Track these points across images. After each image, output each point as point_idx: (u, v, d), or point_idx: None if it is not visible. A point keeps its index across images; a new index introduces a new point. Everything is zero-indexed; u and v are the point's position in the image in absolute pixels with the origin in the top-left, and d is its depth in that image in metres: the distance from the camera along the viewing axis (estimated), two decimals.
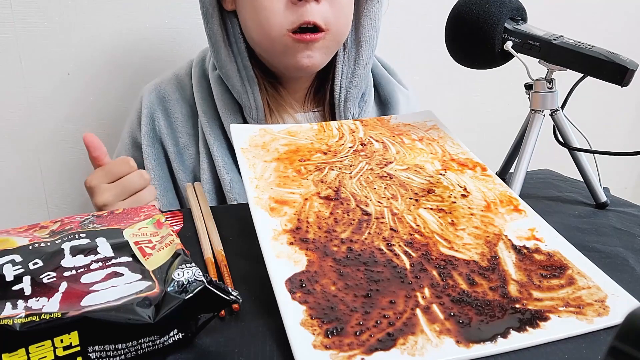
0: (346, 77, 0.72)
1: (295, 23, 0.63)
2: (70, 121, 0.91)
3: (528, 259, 0.40)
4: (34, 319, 0.28)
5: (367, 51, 0.72)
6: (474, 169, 0.51)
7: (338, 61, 0.72)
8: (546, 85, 0.52)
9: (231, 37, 0.70)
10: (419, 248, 0.41)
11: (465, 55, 0.55)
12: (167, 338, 0.31)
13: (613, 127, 1.28)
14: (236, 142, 0.52)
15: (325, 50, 0.67)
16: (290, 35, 0.64)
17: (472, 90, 1.11)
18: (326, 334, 0.32)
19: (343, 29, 0.68)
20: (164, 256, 0.36)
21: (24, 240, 0.38)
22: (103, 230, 0.40)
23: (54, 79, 0.89)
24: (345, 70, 0.72)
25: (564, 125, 0.54)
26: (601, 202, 0.55)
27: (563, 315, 0.35)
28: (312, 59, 0.66)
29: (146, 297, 0.31)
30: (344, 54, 0.72)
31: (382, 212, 0.44)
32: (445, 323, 0.34)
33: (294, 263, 0.38)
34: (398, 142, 0.55)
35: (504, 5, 0.51)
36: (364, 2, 0.70)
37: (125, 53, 0.92)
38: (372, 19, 0.71)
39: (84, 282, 0.33)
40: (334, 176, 0.48)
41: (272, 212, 0.43)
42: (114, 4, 0.89)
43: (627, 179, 1.36)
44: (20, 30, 0.86)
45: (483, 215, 0.45)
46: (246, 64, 0.69)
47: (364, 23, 0.71)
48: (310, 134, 0.55)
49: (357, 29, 0.72)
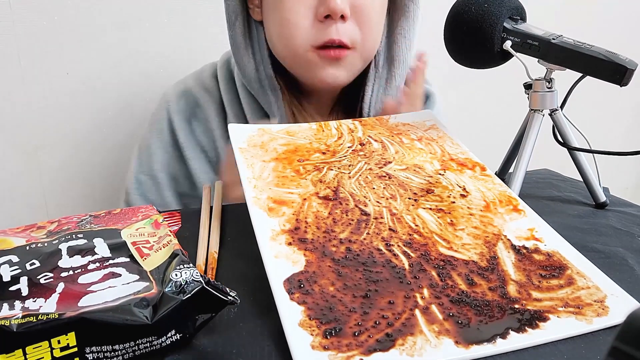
0: (376, 97, 0.71)
1: (320, 40, 0.62)
2: (69, 121, 0.91)
3: (527, 259, 0.40)
4: (31, 320, 0.28)
5: (400, 71, 0.70)
6: (473, 169, 0.51)
7: (369, 79, 0.70)
8: (545, 85, 0.52)
9: (255, 46, 0.68)
10: (418, 248, 0.40)
11: (464, 55, 0.55)
12: (165, 339, 0.31)
13: (612, 126, 1.28)
14: (234, 141, 0.51)
15: (350, 67, 0.66)
16: (314, 51, 0.63)
17: (471, 90, 1.11)
18: (325, 334, 0.32)
19: (371, 48, 0.67)
20: (162, 257, 0.36)
21: (21, 241, 0.38)
22: (100, 230, 0.40)
23: (53, 79, 0.89)
24: (375, 89, 0.70)
25: (564, 125, 0.54)
26: (600, 202, 0.55)
27: (562, 315, 0.35)
28: (336, 76, 0.65)
29: (144, 297, 0.31)
30: (374, 72, 0.70)
31: (381, 212, 0.44)
32: (444, 323, 0.34)
33: (292, 263, 0.38)
34: (397, 142, 0.55)
35: (503, 4, 0.51)
36: (399, 20, 0.69)
37: (125, 53, 0.92)
38: (406, 38, 0.69)
39: (81, 282, 0.33)
40: (332, 176, 0.48)
41: (271, 212, 0.43)
42: (114, 3, 0.89)
43: (627, 179, 1.36)
44: (20, 30, 0.85)
45: (482, 215, 0.45)
46: (269, 73, 0.68)
47: (398, 42, 0.69)
48: (309, 133, 0.55)
49: (390, 47, 0.70)
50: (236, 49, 0.68)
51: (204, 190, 0.58)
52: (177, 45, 0.94)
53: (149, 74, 0.93)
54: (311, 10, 0.62)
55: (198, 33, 0.93)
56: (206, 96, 0.73)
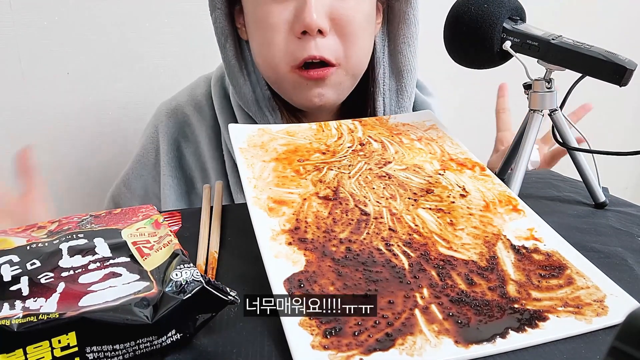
0: (389, 111, 0.68)
1: (299, 58, 0.59)
2: (70, 121, 0.92)
3: (527, 259, 0.40)
4: (32, 320, 0.28)
5: (410, 81, 0.68)
6: (472, 169, 0.51)
7: (378, 94, 0.68)
8: (545, 85, 0.52)
9: (249, 67, 0.66)
10: (418, 248, 0.40)
11: (463, 55, 0.55)
12: (165, 338, 0.31)
13: (612, 127, 1.28)
14: (234, 142, 0.52)
15: (337, 86, 0.63)
16: (295, 71, 0.60)
17: (471, 90, 1.11)
18: (325, 334, 0.32)
19: (357, 63, 0.63)
20: (162, 256, 0.36)
21: (21, 241, 0.38)
22: (101, 230, 0.40)
23: (54, 79, 0.89)
24: (387, 103, 0.68)
25: (563, 125, 0.54)
26: (600, 202, 0.55)
27: (562, 315, 0.35)
28: (323, 97, 0.62)
29: (144, 297, 0.31)
30: (383, 86, 0.68)
31: (380, 212, 0.44)
32: (444, 323, 0.34)
33: (292, 263, 0.38)
34: (397, 142, 0.55)
35: (502, 5, 0.51)
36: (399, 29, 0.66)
37: (125, 53, 0.92)
38: (410, 46, 0.67)
39: (81, 282, 0.33)
40: (332, 176, 0.48)
41: (271, 212, 0.43)
42: (114, 4, 0.89)
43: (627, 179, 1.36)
44: (20, 30, 0.86)
45: (482, 215, 0.45)
46: (266, 94, 0.66)
47: (402, 51, 0.66)
48: (309, 133, 0.55)
49: (395, 57, 0.68)
50: (230, 71, 0.65)
51: (204, 190, 0.58)
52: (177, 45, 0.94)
53: (149, 74, 0.93)
54: (288, 27, 0.59)
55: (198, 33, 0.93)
56: (196, 115, 0.70)
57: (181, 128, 0.70)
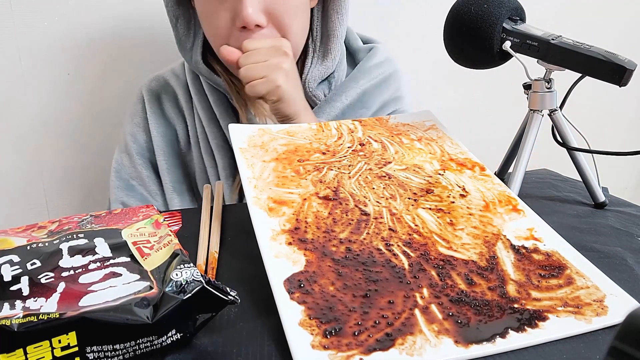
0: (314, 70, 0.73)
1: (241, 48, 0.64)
2: (70, 121, 0.92)
3: (527, 259, 0.40)
4: (32, 319, 0.28)
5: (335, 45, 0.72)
6: (472, 169, 0.51)
7: (308, 54, 0.72)
8: (545, 85, 0.52)
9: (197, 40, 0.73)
10: (418, 248, 0.41)
11: (463, 55, 0.55)
12: (166, 338, 0.31)
13: (611, 127, 1.28)
14: (235, 142, 0.52)
15: None
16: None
17: (471, 90, 1.11)
18: (325, 334, 0.32)
19: (295, 44, 0.68)
20: (162, 256, 0.36)
21: (22, 241, 0.38)
22: (101, 230, 0.40)
23: (54, 79, 0.89)
24: (314, 62, 0.72)
25: (563, 125, 0.54)
26: (600, 202, 0.55)
27: (561, 315, 0.35)
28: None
29: (144, 297, 0.31)
30: (312, 47, 0.73)
31: (380, 212, 0.44)
32: (444, 323, 0.34)
33: (292, 263, 0.38)
34: (397, 142, 0.55)
35: (502, 5, 0.51)
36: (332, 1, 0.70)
37: (125, 53, 0.92)
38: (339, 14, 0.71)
39: (82, 282, 0.33)
40: (332, 176, 0.48)
41: (271, 212, 0.43)
42: (114, 4, 0.89)
43: (627, 179, 1.36)
44: (20, 30, 0.86)
45: (482, 215, 0.45)
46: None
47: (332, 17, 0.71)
48: (309, 133, 0.55)
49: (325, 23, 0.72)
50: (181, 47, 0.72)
51: (205, 190, 0.58)
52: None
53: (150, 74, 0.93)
54: (230, 23, 0.64)
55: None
56: (176, 80, 0.78)
57: (162, 87, 0.79)
